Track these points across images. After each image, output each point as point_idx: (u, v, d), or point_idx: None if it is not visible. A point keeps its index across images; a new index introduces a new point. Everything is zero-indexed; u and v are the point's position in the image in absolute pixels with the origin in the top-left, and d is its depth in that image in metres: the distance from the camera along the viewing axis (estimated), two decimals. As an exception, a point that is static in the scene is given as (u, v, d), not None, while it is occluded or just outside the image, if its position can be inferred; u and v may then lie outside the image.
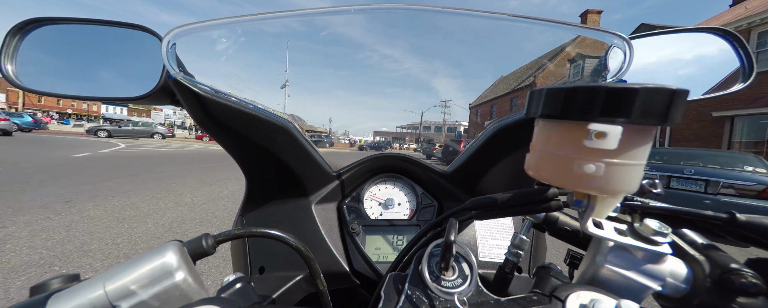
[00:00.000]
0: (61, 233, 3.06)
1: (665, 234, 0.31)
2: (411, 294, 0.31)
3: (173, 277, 0.30)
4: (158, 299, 0.29)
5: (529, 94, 0.29)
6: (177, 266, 0.30)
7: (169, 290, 0.29)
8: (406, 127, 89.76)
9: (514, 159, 0.66)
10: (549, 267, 0.36)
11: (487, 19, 0.49)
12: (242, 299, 0.35)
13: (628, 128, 0.23)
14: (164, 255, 0.30)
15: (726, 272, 0.29)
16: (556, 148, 0.27)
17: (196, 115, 0.52)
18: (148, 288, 0.29)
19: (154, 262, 0.30)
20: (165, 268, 0.29)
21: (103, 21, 0.51)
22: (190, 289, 0.30)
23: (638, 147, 0.24)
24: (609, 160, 0.24)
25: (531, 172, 0.30)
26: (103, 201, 4.33)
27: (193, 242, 0.36)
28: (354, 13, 0.49)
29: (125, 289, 0.28)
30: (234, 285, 0.36)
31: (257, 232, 0.39)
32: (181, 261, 0.31)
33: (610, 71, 0.53)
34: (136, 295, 0.28)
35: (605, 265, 0.33)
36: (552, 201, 0.36)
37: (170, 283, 0.29)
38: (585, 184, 0.25)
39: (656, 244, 0.31)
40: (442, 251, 0.31)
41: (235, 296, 0.35)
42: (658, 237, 0.31)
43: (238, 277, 0.38)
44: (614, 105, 0.22)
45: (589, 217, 0.29)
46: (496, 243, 0.68)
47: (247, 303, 0.30)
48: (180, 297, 0.30)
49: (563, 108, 0.24)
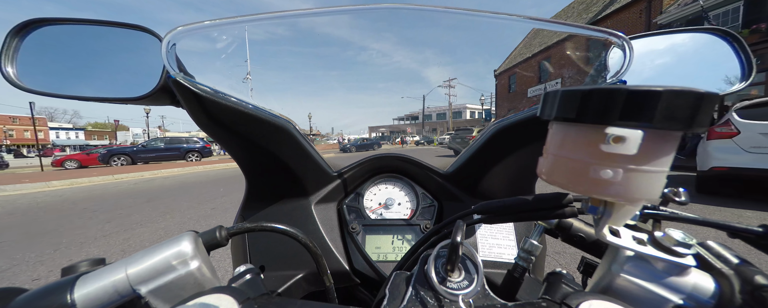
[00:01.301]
0: None
1: (690, 245, 0.29)
2: (416, 294, 0.31)
3: (188, 265, 0.31)
4: (174, 285, 0.30)
5: (543, 95, 0.28)
6: (192, 255, 0.31)
7: (185, 277, 0.31)
8: (404, 118, 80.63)
9: (515, 159, 0.66)
10: (560, 274, 0.35)
11: (487, 19, 0.49)
12: (251, 290, 0.36)
13: (650, 133, 0.22)
14: (180, 243, 0.32)
15: (757, 289, 0.28)
16: (571, 152, 0.25)
17: (196, 115, 0.52)
18: (165, 274, 0.30)
19: (171, 250, 0.31)
20: (181, 256, 0.31)
21: (103, 21, 0.51)
22: (203, 278, 0.32)
23: (661, 153, 0.23)
24: (628, 166, 0.23)
25: (544, 177, 0.29)
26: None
27: (208, 233, 0.37)
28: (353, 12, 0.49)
29: (145, 274, 0.30)
30: (244, 275, 0.38)
31: (268, 227, 0.40)
32: (195, 250, 0.32)
33: (609, 71, 0.53)
34: (154, 280, 0.30)
35: (621, 275, 0.31)
36: (566, 208, 0.34)
37: (185, 271, 0.31)
38: (601, 190, 0.24)
39: (679, 256, 0.29)
40: (448, 252, 0.31)
41: (245, 286, 0.36)
42: (681, 249, 0.29)
43: (249, 268, 0.39)
44: (635, 108, 0.21)
45: (606, 224, 0.28)
46: (497, 243, 0.68)
47: (256, 294, 0.30)
48: (194, 284, 0.31)
49: (579, 110, 0.23)
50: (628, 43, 0.46)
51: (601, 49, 0.54)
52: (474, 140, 0.72)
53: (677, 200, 0.35)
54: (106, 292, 0.28)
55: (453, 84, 53.19)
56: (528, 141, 0.61)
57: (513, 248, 0.67)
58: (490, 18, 0.49)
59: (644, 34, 0.57)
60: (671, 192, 0.35)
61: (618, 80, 0.49)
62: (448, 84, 52.64)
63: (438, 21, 10.07)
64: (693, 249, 0.29)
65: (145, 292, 0.29)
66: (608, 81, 0.51)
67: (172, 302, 0.29)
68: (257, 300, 0.28)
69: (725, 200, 4.47)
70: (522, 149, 0.64)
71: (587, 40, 0.54)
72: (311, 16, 0.50)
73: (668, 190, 0.34)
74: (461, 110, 65.11)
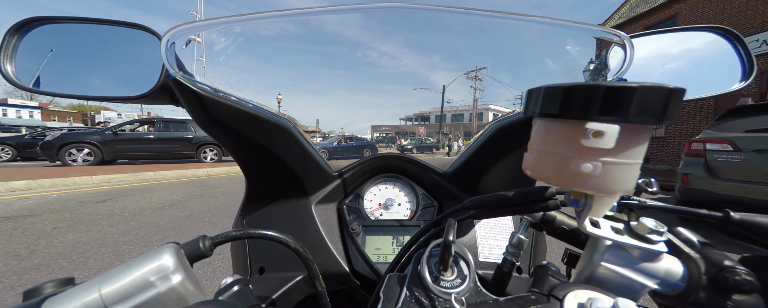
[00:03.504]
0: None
1: (661, 232, 0.31)
2: (410, 295, 0.31)
3: (170, 280, 0.29)
4: (155, 302, 0.28)
5: (527, 92, 0.29)
6: (174, 269, 0.30)
7: (166, 293, 0.29)
8: (413, 117, 67.38)
9: (514, 159, 0.66)
10: (547, 267, 0.36)
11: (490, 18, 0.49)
12: (240, 301, 0.34)
13: (625, 127, 0.23)
14: (160, 257, 0.30)
15: (721, 270, 0.30)
16: (554, 147, 0.27)
17: (196, 114, 0.52)
18: (144, 291, 0.28)
19: (151, 265, 0.29)
20: (161, 271, 0.29)
21: (102, 20, 0.51)
22: (187, 292, 0.30)
23: (635, 146, 0.24)
24: (606, 159, 0.24)
25: (528, 171, 0.30)
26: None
27: (190, 244, 0.35)
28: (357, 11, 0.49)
29: (121, 293, 0.27)
30: (232, 287, 0.36)
31: (255, 233, 0.38)
32: (177, 263, 0.30)
33: (610, 70, 0.53)
34: (131, 299, 0.27)
35: (602, 264, 0.33)
36: (550, 201, 0.36)
37: (167, 286, 0.29)
38: (582, 183, 0.25)
39: (652, 242, 0.31)
40: (440, 251, 0.31)
41: (232, 298, 0.35)
42: (653, 236, 0.31)
43: (236, 279, 0.38)
44: (612, 104, 0.22)
45: (587, 216, 0.29)
46: (496, 244, 0.68)
47: (245, 306, 0.29)
48: (177, 300, 0.29)
49: (561, 107, 0.24)
50: (628, 41, 0.46)
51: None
52: (474, 139, 0.72)
53: (649, 190, 0.37)
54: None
55: (481, 75, 39.08)
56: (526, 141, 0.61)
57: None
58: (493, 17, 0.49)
59: (645, 32, 0.57)
60: (644, 183, 0.36)
61: (619, 79, 0.49)
62: (475, 74, 38.57)
63: (448, 27, 9.62)
64: (664, 236, 0.31)
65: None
66: (609, 80, 0.51)
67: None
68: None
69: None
70: (521, 149, 0.63)
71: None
72: (311, 15, 0.50)
73: (641, 181, 0.36)
74: (484, 111, 52.58)
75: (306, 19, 0.51)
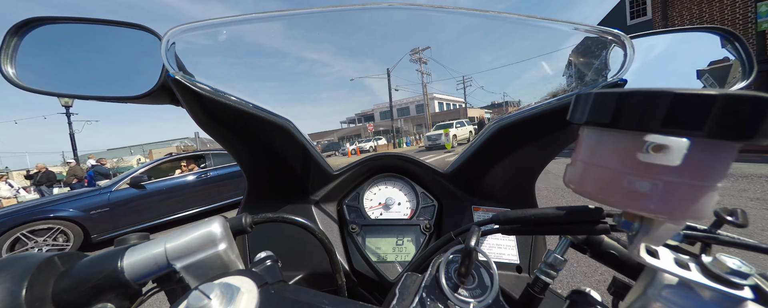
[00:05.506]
0: None
1: (747, 275, 0.25)
2: (425, 298, 0.30)
3: (216, 247, 0.33)
4: (204, 263, 0.33)
5: (575, 97, 0.26)
6: (220, 237, 0.34)
7: (213, 257, 0.33)
8: (355, 118, 54.93)
9: (514, 159, 0.66)
10: (586, 294, 0.33)
11: (483, 19, 0.49)
12: (269, 275, 0.37)
13: (699, 142, 0.19)
14: (211, 225, 0.34)
15: None
16: (604, 160, 0.23)
17: (196, 114, 0.52)
18: (197, 252, 0.33)
19: (204, 230, 0.34)
20: (210, 237, 0.33)
21: (102, 20, 0.51)
22: (228, 259, 0.34)
23: (711, 165, 0.20)
24: (669, 178, 0.20)
25: (572, 186, 0.27)
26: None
27: (234, 219, 0.39)
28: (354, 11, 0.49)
29: (180, 250, 0.32)
30: (265, 261, 0.40)
31: (289, 219, 0.43)
32: (223, 233, 0.34)
33: (610, 70, 0.53)
34: (187, 257, 0.32)
35: (659, 302, 0.27)
36: (598, 225, 0.31)
37: (214, 251, 0.33)
38: (636, 204, 0.22)
39: (734, 286, 0.25)
40: (461, 257, 0.30)
41: (264, 272, 0.39)
42: (735, 278, 0.25)
43: (269, 255, 0.42)
44: (682, 114, 0.19)
45: (640, 243, 0.26)
46: (496, 243, 0.68)
47: (274, 280, 0.31)
48: (220, 265, 0.33)
49: (615, 115, 0.21)
50: (628, 42, 0.46)
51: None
52: (474, 139, 0.72)
53: (730, 220, 0.29)
54: (148, 263, 0.31)
55: (425, 58, 31.98)
56: (528, 140, 0.61)
57: (513, 248, 0.67)
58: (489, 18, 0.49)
59: (645, 33, 0.57)
60: (724, 211, 0.29)
61: (618, 79, 0.49)
62: (418, 57, 31.85)
63: (375, 31, 9.16)
64: (750, 280, 0.25)
65: (179, 267, 0.32)
66: (608, 80, 0.51)
67: (201, 279, 0.32)
68: (274, 285, 0.29)
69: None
70: (522, 148, 0.63)
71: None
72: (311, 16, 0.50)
73: (720, 209, 0.29)
74: (429, 100, 35.79)
75: (317, 18, 0.51)
